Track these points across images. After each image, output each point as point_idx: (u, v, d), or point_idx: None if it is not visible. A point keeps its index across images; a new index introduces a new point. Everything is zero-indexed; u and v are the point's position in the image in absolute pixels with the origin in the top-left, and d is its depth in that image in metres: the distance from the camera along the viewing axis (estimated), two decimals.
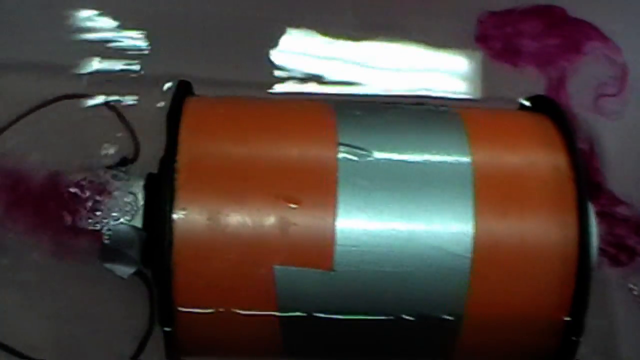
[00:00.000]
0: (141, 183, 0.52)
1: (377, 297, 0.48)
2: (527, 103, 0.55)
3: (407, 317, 0.48)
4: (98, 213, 0.50)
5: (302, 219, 0.47)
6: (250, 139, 0.49)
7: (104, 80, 0.61)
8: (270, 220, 0.47)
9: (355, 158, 0.49)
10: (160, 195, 0.48)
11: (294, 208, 0.47)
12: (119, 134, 0.59)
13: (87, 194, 0.51)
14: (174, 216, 0.47)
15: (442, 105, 0.54)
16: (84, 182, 0.51)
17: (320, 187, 0.48)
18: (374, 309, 0.48)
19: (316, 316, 0.48)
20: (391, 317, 0.48)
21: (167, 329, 0.48)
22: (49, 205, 0.51)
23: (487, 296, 0.48)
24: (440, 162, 0.49)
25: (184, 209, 0.47)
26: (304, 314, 0.48)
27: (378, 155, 0.49)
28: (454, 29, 0.63)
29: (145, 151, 0.58)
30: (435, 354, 0.51)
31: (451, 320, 0.48)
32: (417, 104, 0.55)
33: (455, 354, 0.50)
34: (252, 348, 0.50)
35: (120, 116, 0.57)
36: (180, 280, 0.47)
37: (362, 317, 0.48)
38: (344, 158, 0.49)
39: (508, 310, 0.48)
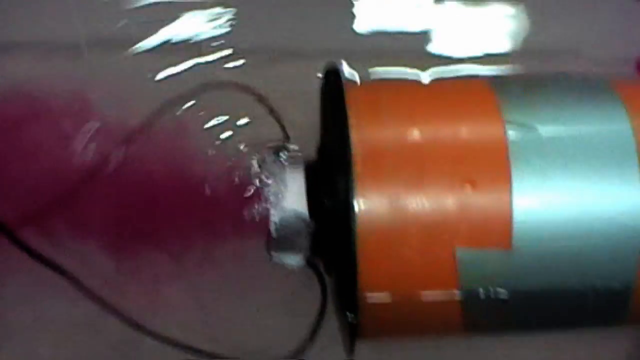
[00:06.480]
0: (296, 169, 0.52)
1: (553, 271, 0.49)
2: None
3: (583, 290, 0.49)
4: (267, 202, 0.50)
5: (479, 200, 0.48)
6: (420, 124, 0.49)
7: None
8: (448, 203, 0.48)
9: (522, 135, 0.49)
10: (338, 185, 0.48)
11: (470, 190, 0.48)
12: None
13: (258, 182, 0.51)
14: (356, 206, 0.47)
15: (588, 75, 0.54)
16: (257, 172, 0.51)
17: (494, 167, 0.48)
18: (550, 283, 0.49)
19: (496, 293, 0.49)
20: (566, 290, 0.49)
21: (351, 316, 0.48)
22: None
23: None
24: (603, 133, 0.50)
25: (364, 197, 0.47)
26: (485, 292, 0.49)
27: (543, 130, 0.49)
28: None
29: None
30: (607, 323, 0.52)
31: (623, 290, 0.49)
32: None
33: (627, 321, 0.51)
34: (432, 328, 0.51)
35: (264, 100, 0.56)
36: (363, 268, 0.48)
37: (539, 292, 0.49)
38: (512, 137, 0.49)
39: None
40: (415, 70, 0.60)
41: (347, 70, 0.59)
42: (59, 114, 0.54)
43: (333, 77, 0.52)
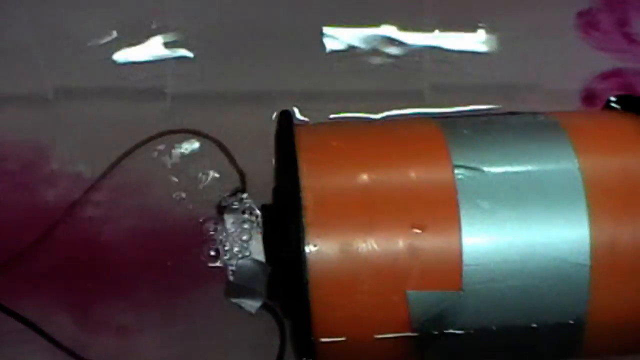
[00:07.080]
0: (252, 215, 0.53)
1: (504, 310, 0.50)
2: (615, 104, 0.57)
3: (534, 327, 0.50)
4: (225, 248, 0.52)
5: (428, 243, 0.49)
6: (369, 168, 0.50)
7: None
8: (399, 246, 0.49)
9: (470, 178, 0.50)
10: (290, 233, 0.49)
11: (419, 233, 0.49)
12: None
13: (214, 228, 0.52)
14: (307, 252, 0.48)
15: (538, 113, 0.55)
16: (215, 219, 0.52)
17: (443, 210, 0.49)
18: (502, 322, 0.50)
19: (448, 333, 0.50)
20: (519, 327, 0.50)
21: None
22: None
23: (608, 300, 0.50)
24: (550, 172, 0.51)
25: (315, 245, 0.48)
26: (437, 333, 0.50)
27: (491, 172, 0.50)
28: None
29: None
30: (563, 357, 0.52)
31: (575, 325, 0.50)
32: (510, 113, 0.56)
33: (582, 355, 0.52)
34: None
35: (222, 147, 0.57)
36: (318, 314, 0.48)
37: (491, 330, 0.50)
38: (461, 179, 0.50)
39: (629, 312, 0.50)
40: (372, 110, 0.60)
41: (300, 115, 0.60)
42: (17, 165, 0.55)
43: (285, 122, 0.53)
